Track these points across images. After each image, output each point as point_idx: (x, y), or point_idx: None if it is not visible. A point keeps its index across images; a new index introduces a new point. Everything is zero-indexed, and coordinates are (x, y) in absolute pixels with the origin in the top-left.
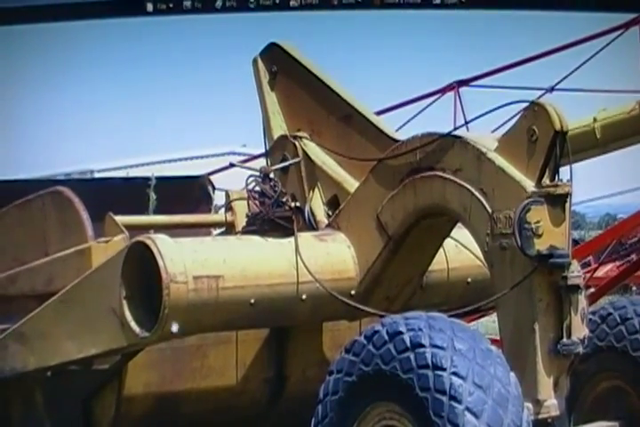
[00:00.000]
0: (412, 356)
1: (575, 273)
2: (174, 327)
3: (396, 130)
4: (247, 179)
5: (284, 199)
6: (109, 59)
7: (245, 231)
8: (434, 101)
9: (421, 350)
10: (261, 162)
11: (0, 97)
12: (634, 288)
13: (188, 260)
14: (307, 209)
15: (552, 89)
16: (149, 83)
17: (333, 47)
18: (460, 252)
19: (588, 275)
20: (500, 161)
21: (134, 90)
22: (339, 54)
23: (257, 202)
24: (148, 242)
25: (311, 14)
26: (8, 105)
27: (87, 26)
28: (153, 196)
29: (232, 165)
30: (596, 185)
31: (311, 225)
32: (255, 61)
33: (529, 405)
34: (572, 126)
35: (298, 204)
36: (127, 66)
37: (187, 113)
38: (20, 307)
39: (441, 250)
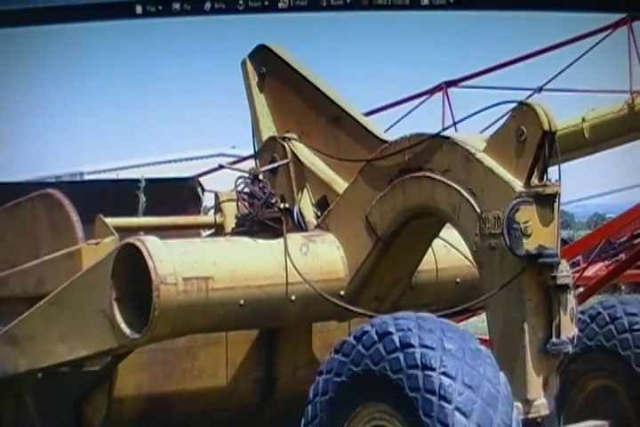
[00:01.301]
0: (401, 356)
1: (564, 273)
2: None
3: (385, 131)
4: (236, 180)
5: (273, 200)
6: (99, 61)
7: (235, 233)
8: (422, 102)
9: (411, 350)
10: (250, 163)
11: None
12: (623, 287)
13: (177, 261)
14: (296, 210)
15: (540, 89)
16: (139, 85)
17: (322, 48)
18: (448, 252)
19: (578, 274)
20: (489, 161)
21: (124, 92)
22: (327, 55)
23: (246, 203)
24: (138, 244)
25: (300, 16)
26: None
27: (76, 29)
28: (142, 197)
29: (221, 167)
30: (585, 185)
31: (300, 226)
32: (244, 63)
33: (519, 404)
34: (560, 126)
35: (287, 205)
36: (116, 68)
37: (176, 115)
38: (11, 309)
39: (430, 250)
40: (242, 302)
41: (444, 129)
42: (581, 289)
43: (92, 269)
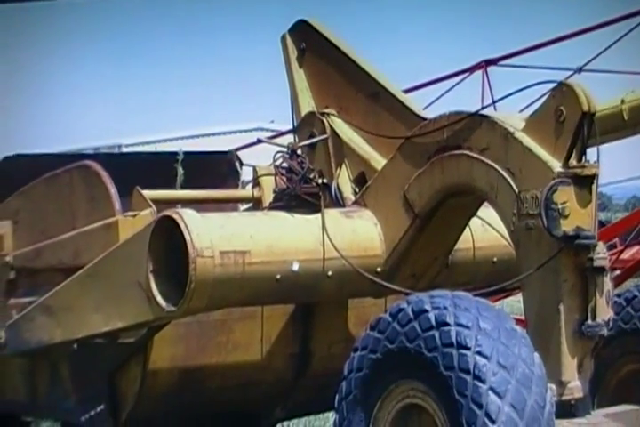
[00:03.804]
0: (436, 334)
1: (601, 255)
2: None
3: (424, 108)
4: (275, 155)
5: (312, 176)
6: (139, 33)
7: (272, 207)
8: (462, 80)
9: (446, 328)
10: (289, 138)
11: (30, 72)
12: None
13: (214, 235)
14: (334, 186)
15: (580, 70)
16: (179, 58)
17: (361, 24)
18: (486, 231)
19: (614, 257)
20: (527, 141)
21: (164, 65)
22: (366, 32)
23: (284, 178)
24: (176, 216)
25: None
26: (38, 80)
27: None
28: (180, 170)
29: (260, 141)
30: (624, 167)
31: (338, 202)
32: (284, 38)
33: (552, 386)
34: (599, 108)
35: (325, 180)
36: (157, 41)
37: (216, 89)
38: (47, 280)
39: (467, 229)
40: (278, 276)
41: (483, 107)
42: (618, 272)
43: (129, 241)
